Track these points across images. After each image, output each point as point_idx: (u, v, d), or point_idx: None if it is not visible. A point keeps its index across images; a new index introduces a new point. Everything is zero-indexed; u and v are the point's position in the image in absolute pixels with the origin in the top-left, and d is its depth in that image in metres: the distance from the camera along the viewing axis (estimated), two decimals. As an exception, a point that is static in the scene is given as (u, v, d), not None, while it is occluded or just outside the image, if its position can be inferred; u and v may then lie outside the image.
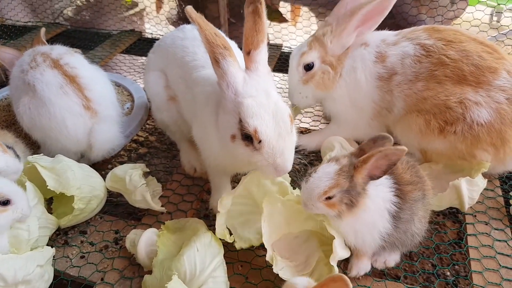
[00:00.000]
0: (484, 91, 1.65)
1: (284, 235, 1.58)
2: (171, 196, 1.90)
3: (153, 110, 2.07)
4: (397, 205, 1.36)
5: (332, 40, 1.90)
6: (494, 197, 1.80)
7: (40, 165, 1.67)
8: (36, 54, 2.03)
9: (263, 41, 1.34)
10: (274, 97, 1.32)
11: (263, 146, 1.28)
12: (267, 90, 1.32)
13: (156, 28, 3.71)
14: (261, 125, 1.26)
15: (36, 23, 3.95)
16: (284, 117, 1.29)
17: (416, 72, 1.76)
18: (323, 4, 3.17)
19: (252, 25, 1.32)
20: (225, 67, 1.31)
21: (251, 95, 1.30)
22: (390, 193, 1.36)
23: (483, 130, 1.65)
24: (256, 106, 1.28)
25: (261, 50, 1.34)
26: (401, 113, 1.85)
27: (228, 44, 1.33)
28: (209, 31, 1.30)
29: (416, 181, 1.42)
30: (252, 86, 1.31)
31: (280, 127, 1.28)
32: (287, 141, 1.30)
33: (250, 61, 1.35)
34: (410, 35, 1.84)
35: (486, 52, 1.70)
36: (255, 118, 1.26)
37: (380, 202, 1.35)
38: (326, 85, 1.96)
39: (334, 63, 1.92)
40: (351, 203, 1.31)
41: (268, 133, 1.27)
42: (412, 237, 1.46)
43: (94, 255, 1.65)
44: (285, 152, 1.30)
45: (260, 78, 1.34)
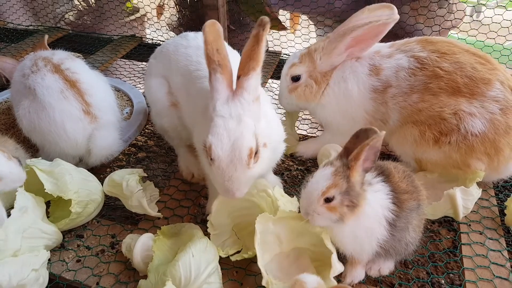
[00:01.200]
0: (478, 102, 1.67)
1: (276, 255, 1.57)
2: (168, 201, 1.91)
3: (153, 115, 2.09)
4: (394, 213, 1.37)
5: (322, 57, 1.93)
6: (489, 207, 1.82)
7: (38, 169, 1.68)
8: (37, 58, 2.05)
9: (255, 69, 1.35)
10: (244, 125, 1.34)
11: (213, 164, 1.35)
12: (241, 118, 1.35)
13: (157, 34, 3.73)
14: (216, 146, 1.32)
15: (37, 27, 3.98)
16: (242, 148, 1.33)
17: (411, 85, 1.78)
18: (321, 13, 3.20)
19: (249, 51, 1.33)
20: (213, 81, 1.38)
21: (222, 116, 1.35)
22: (388, 200, 1.37)
23: (477, 140, 1.67)
24: (221, 127, 1.33)
25: (250, 77, 1.35)
26: (396, 125, 1.87)
27: (226, 62, 1.36)
28: (211, 47, 1.34)
29: (412, 191, 1.43)
30: (229, 109, 1.36)
31: (235, 155, 1.33)
32: (238, 171, 1.34)
33: (237, 85, 1.38)
34: (404, 47, 1.85)
35: (479, 63, 1.72)
36: (215, 137, 1.33)
37: (379, 208, 1.36)
38: (307, 97, 2.00)
39: (319, 79, 1.96)
40: (352, 204, 1.31)
41: (220, 155, 1.33)
42: (406, 246, 1.47)
43: (90, 259, 1.65)
44: (233, 179, 1.34)
45: (241, 103, 1.36)
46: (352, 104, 1.92)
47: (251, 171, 1.38)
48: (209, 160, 1.36)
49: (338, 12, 3.16)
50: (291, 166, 2.16)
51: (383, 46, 1.93)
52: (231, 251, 1.60)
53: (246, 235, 1.65)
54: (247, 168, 1.36)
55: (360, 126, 1.91)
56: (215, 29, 1.36)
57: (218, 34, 1.36)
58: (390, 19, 1.80)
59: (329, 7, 3.14)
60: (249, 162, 1.35)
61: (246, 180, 1.39)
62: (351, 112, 1.94)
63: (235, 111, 1.35)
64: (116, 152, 2.02)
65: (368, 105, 1.89)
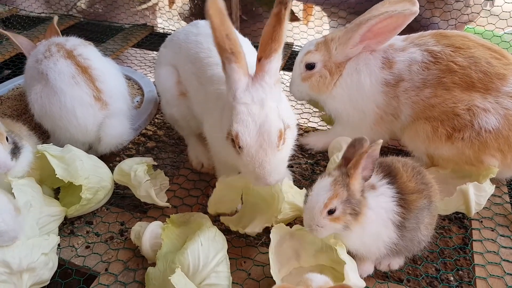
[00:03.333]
0: (493, 97, 1.64)
1: (295, 269, 1.52)
2: (177, 191, 1.91)
3: (162, 104, 2.08)
4: (400, 215, 1.35)
5: (338, 47, 1.90)
6: (502, 204, 1.79)
7: (50, 154, 1.69)
8: (51, 44, 2.06)
9: (277, 51, 1.31)
10: (268, 109, 1.31)
11: (242, 153, 1.32)
12: (264, 101, 1.32)
13: (168, 23, 3.72)
14: (243, 133, 1.29)
15: (49, 14, 3.99)
16: (271, 131, 1.30)
17: (424, 79, 1.75)
18: (335, 4, 3.16)
19: (271, 31, 1.28)
20: (228, 71, 1.33)
21: (245, 103, 1.31)
22: (392, 203, 1.35)
23: (491, 136, 1.64)
24: (246, 113, 1.30)
25: (272, 60, 1.32)
26: (408, 120, 1.84)
27: (237, 48, 1.30)
28: (220, 33, 1.27)
29: (422, 189, 1.41)
30: (250, 94, 1.32)
31: (264, 139, 1.30)
32: (269, 155, 1.31)
33: (259, 68, 1.34)
34: (418, 41, 1.82)
35: (495, 58, 1.68)
36: (240, 124, 1.30)
37: (383, 212, 1.34)
38: (320, 88, 1.97)
39: (334, 69, 1.93)
40: (355, 212, 1.29)
41: (248, 142, 1.29)
42: (418, 243, 1.46)
43: (99, 245, 1.66)
44: (264, 164, 1.31)
45: (263, 87, 1.33)
46: (363, 97, 1.90)
47: (281, 153, 1.36)
48: (237, 149, 1.33)
49: (352, 4, 3.11)
50: (300, 159, 2.15)
51: (397, 39, 1.90)
52: (220, 211, 1.64)
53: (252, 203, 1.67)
54: (277, 151, 1.33)
55: (370, 120, 1.95)
56: (219, 7, 1.26)
57: (223, 14, 1.27)
58: (408, 11, 1.75)
59: (343, -2, 3.10)
60: (278, 144, 1.32)
61: (277, 164, 1.35)
62: (362, 105, 1.92)
63: (257, 96, 1.32)
64: (126, 141, 2.03)
65: (379, 98, 1.87)
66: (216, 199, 1.66)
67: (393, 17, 1.75)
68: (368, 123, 1.95)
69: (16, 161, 1.61)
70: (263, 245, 1.64)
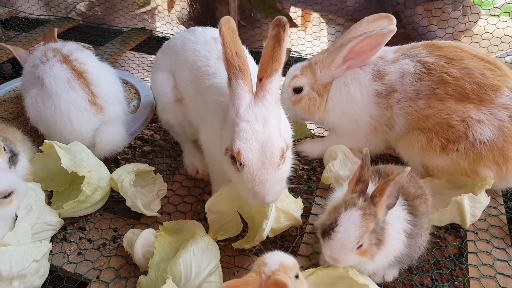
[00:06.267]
0: (487, 109, 1.64)
1: None
2: (172, 197, 1.90)
3: (158, 110, 2.08)
4: (411, 223, 1.34)
5: (322, 70, 1.94)
6: (497, 215, 1.78)
7: (57, 145, 1.71)
8: (47, 49, 2.07)
9: (277, 70, 1.33)
10: (271, 127, 1.32)
11: (243, 170, 1.30)
12: (267, 119, 1.32)
13: (167, 27, 3.72)
14: (246, 150, 1.28)
15: (48, 17, 3.99)
16: (274, 149, 1.30)
17: (417, 90, 1.76)
18: (333, 11, 3.16)
19: (270, 52, 1.31)
20: (234, 87, 1.34)
21: (248, 120, 1.31)
22: (404, 211, 1.34)
23: (486, 148, 1.64)
24: (248, 131, 1.30)
25: (273, 79, 1.33)
26: (402, 131, 1.85)
27: (245, 66, 1.33)
28: (230, 50, 1.31)
29: (420, 193, 1.41)
30: (253, 112, 1.32)
31: (266, 157, 1.29)
32: (269, 173, 1.31)
33: (260, 87, 1.35)
34: (410, 52, 1.83)
35: (488, 69, 1.68)
36: (243, 141, 1.29)
37: (398, 225, 1.32)
38: (311, 110, 2.01)
39: (321, 91, 1.97)
40: (379, 242, 1.27)
41: (250, 159, 1.29)
42: (418, 249, 1.45)
43: (92, 252, 1.65)
44: (265, 183, 1.30)
45: (265, 106, 1.34)
46: (355, 108, 1.91)
47: (281, 172, 1.36)
48: (237, 165, 1.32)
49: (350, 11, 3.12)
50: (297, 165, 2.14)
51: (388, 51, 1.91)
52: (221, 236, 1.61)
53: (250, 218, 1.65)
54: (277, 170, 1.33)
55: (364, 131, 1.95)
56: (231, 27, 1.33)
57: (235, 33, 1.33)
58: (385, 30, 1.78)
59: (341, 5, 3.10)
60: (280, 162, 1.32)
61: (276, 183, 1.35)
62: (355, 116, 1.93)
63: (260, 114, 1.32)
64: (121, 147, 2.02)
65: (373, 109, 1.88)
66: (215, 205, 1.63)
67: (372, 36, 1.79)
68: (362, 133, 1.96)
69: (15, 168, 1.64)
70: (256, 254, 1.62)
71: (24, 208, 1.53)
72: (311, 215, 1.78)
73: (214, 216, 1.61)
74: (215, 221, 1.62)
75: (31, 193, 1.59)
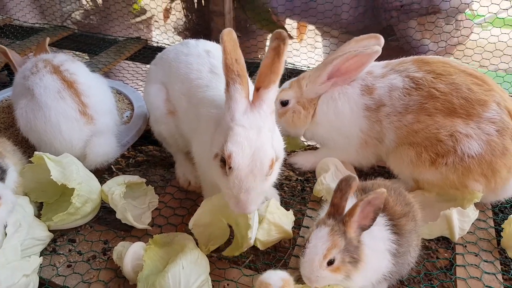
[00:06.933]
0: (475, 123, 1.66)
1: None
2: (163, 209, 1.90)
3: (151, 121, 2.08)
4: (396, 243, 1.34)
5: (308, 84, 1.98)
6: (486, 228, 1.79)
7: (47, 157, 1.71)
8: (38, 60, 2.07)
9: (275, 82, 1.35)
10: (263, 137, 1.33)
11: (231, 174, 1.31)
12: (261, 128, 1.34)
13: (162, 37, 3.74)
14: (237, 154, 1.29)
15: (43, 25, 3.99)
16: (264, 158, 1.31)
17: (406, 105, 1.78)
18: (328, 24, 3.19)
19: (269, 64, 1.32)
20: (232, 91, 1.35)
21: (243, 125, 1.33)
22: (387, 231, 1.34)
23: (474, 161, 1.66)
24: (242, 136, 1.31)
25: (270, 90, 1.35)
26: (392, 145, 1.86)
27: (244, 72, 1.35)
28: (230, 57, 1.32)
29: (407, 211, 1.41)
30: (248, 119, 1.34)
31: (256, 165, 1.31)
32: (257, 181, 1.32)
33: (257, 97, 1.37)
34: (399, 67, 1.86)
35: (476, 84, 1.71)
36: (236, 145, 1.30)
37: (381, 244, 1.33)
38: (295, 123, 2.04)
39: (306, 105, 2.00)
40: (354, 260, 1.27)
41: (240, 164, 1.30)
42: (408, 266, 1.46)
43: (81, 264, 1.64)
44: (250, 191, 1.32)
45: (260, 115, 1.35)
46: (344, 123, 1.93)
47: (266, 183, 1.37)
48: (226, 169, 1.32)
49: (344, 24, 3.15)
50: (291, 176, 2.15)
51: (377, 66, 1.93)
52: (213, 247, 1.61)
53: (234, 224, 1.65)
54: (265, 179, 1.35)
55: (355, 144, 1.96)
56: (233, 37, 1.34)
57: (236, 43, 1.35)
58: (369, 50, 1.81)
59: (336, 18, 3.13)
60: (268, 172, 1.34)
61: (260, 193, 1.37)
62: (345, 130, 1.95)
63: (255, 122, 1.34)
64: (112, 158, 2.02)
65: (362, 123, 1.90)
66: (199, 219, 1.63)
67: (358, 56, 1.83)
68: (353, 147, 1.98)
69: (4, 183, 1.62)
70: (247, 267, 1.62)
71: (13, 225, 1.52)
72: (303, 227, 1.78)
73: (200, 229, 1.61)
74: (202, 234, 1.62)
75: (19, 209, 1.58)
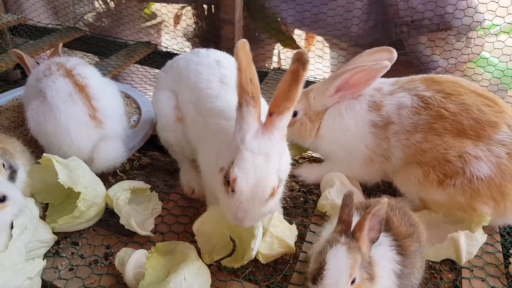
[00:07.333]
0: (484, 145, 1.64)
1: None
2: (166, 216, 1.89)
3: (158, 128, 2.08)
4: (400, 264, 1.33)
5: (316, 97, 1.97)
6: (494, 253, 1.76)
7: (56, 160, 1.71)
8: (51, 63, 2.09)
9: (289, 109, 1.31)
10: (270, 165, 1.33)
11: (233, 196, 1.33)
12: (270, 155, 1.33)
13: (172, 43, 3.76)
14: (242, 179, 1.30)
15: (56, 26, 4.03)
16: (266, 187, 1.32)
17: (414, 124, 1.76)
18: (337, 36, 3.19)
19: (286, 89, 1.27)
20: (244, 113, 1.32)
21: (251, 150, 1.31)
22: (392, 252, 1.33)
23: (483, 184, 1.63)
24: (250, 162, 1.31)
25: (283, 117, 1.32)
26: (399, 163, 1.84)
27: (258, 94, 1.32)
28: (245, 76, 1.28)
29: (412, 232, 1.39)
30: (258, 144, 1.32)
31: (257, 192, 1.32)
32: (255, 206, 1.34)
33: (269, 122, 1.34)
34: (408, 85, 1.84)
35: (486, 105, 1.69)
36: (242, 170, 1.30)
37: (386, 264, 1.31)
38: (302, 135, 2.04)
39: (313, 117, 2.00)
40: (370, 276, 1.25)
41: (243, 190, 1.31)
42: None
43: (83, 268, 1.63)
44: (249, 213, 1.34)
45: (270, 140, 1.33)
46: (349, 137, 1.92)
47: (267, 206, 1.38)
48: (229, 190, 1.34)
49: (353, 37, 3.15)
50: (293, 187, 2.14)
51: (385, 83, 1.92)
52: (217, 256, 1.60)
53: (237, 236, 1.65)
54: (264, 204, 1.36)
55: (359, 160, 1.95)
56: (247, 51, 1.30)
57: (250, 58, 1.31)
58: (378, 65, 1.80)
59: (345, 30, 3.13)
60: (268, 199, 1.35)
61: (260, 214, 1.39)
62: (349, 145, 1.94)
63: (264, 148, 1.32)
64: (119, 163, 2.02)
65: (368, 139, 1.88)
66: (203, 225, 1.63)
67: (366, 70, 1.81)
68: (357, 163, 1.96)
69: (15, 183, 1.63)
70: (246, 278, 1.61)
71: (19, 227, 1.52)
72: (305, 242, 1.76)
73: (203, 238, 1.61)
74: (204, 243, 1.62)
75: (25, 211, 1.58)
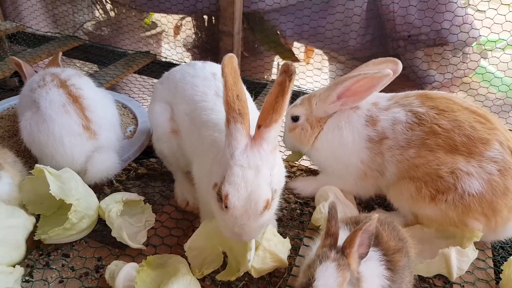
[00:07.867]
0: (476, 161, 1.65)
1: None
2: (159, 228, 1.89)
3: (153, 139, 2.09)
4: (389, 279, 1.32)
5: (318, 103, 1.98)
6: (485, 268, 1.76)
7: (48, 171, 1.71)
8: (46, 74, 2.10)
9: (277, 121, 1.32)
10: (261, 178, 1.33)
11: (227, 212, 1.33)
12: (260, 168, 1.33)
13: (171, 53, 3.78)
14: (233, 195, 1.31)
15: (55, 34, 4.05)
16: (259, 200, 1.32)
17: (408, 139, 1.78)
18: (335, 49, 3.22)
19: (273, 101, 1.29)
20: (232, 130, 1.33)
21: (241, 165, 1.32)
22: (382, 267, 1.32)
23: (474, 200, 1.64)
24: (240, 177, 1.31)
25: (271, 129, 1.32)
26: (393, 178, 1.85)
27: (246, 110, 1.33)
28: (232, 93, 1.30)
29: (401, 247, 1.39)
30: (247, 158, 1.32)
31: (251, 206, 1.32)
32: (250, 220, 1.34)
33: (258, 135, 1.35)
34: (403, 101, 1.86)
35: (479, 122, 1.70)
36: (232, 186, 1.31)
37: (376, 279, 1.30)
38: (301, 140, 2.04)
39: (314, 124, 2.00)
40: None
41: (236, 205, 1.31)
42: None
43: (73, 281, 1.62)
44: (245, 227, 1.34)
45: (260, 153, 1.34)
46: (346, 152, 1.93)
47: (263, 218, 1.38)
48: (223, 206, 1.34)
49: (351, 50, 3.18)
50: (289, 198, 2.14)
51: (382, 98, 1.94)
52: (207, 271, 1.60)
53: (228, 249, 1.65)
54: (259, 217, 1.36)
55: (354, 175, 1.95)
56: (233, 67, 1.32)
57: (237, 74, 1.33)
58: (380, 74, 1.80)
59: (343, 44, 3.16)
60: (262, 212, 1.35)
61: (256, 228, 1.39)
62: (344, 159, 1.95)
63: (254, 162, 1.32)
64: (112, 174, 2.02)
65: (364, 154, 1.89)
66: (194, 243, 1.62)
67: (368, 78, 1.82)
68: (351, 177, 1.97)
69: None
70: (239, 293, 1.60)
71: None
72: (298, 256, 1.76)
73: (195, 252, 1.61)
74: (195, 257, 1.62)
75: None
